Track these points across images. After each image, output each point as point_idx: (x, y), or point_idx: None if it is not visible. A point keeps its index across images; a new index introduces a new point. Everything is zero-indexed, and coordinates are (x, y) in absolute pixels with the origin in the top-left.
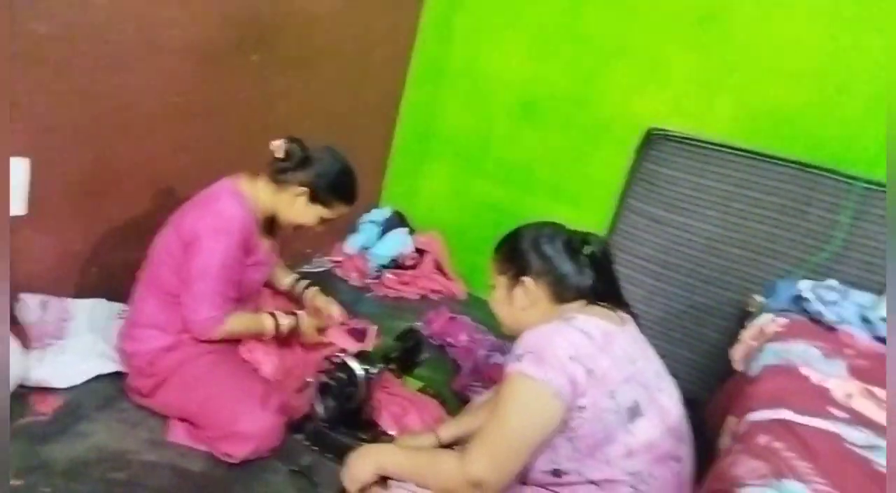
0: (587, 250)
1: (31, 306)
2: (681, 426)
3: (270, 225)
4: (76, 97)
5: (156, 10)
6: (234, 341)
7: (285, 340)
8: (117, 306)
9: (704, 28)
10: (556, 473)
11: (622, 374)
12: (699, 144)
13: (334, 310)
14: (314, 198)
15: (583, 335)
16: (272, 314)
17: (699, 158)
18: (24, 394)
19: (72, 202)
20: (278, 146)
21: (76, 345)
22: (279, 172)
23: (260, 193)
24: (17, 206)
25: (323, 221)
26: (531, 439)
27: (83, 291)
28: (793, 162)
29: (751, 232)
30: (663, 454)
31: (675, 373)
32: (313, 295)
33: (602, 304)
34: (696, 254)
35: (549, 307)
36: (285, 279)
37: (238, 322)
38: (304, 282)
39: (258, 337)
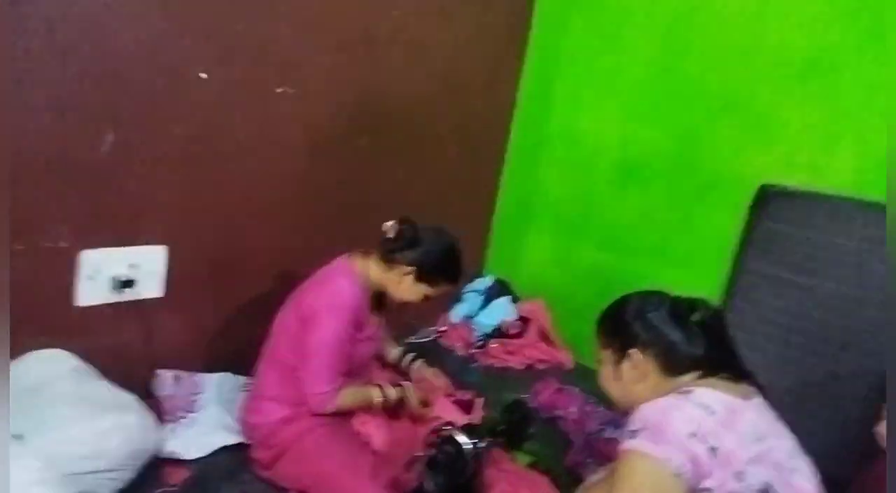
0: (695, 316)
1: (166, 380)
2: None
3: (380, 300)
4: (206, 188)
5: (274, 107)
6: (347, 414)
7: (394, 412)
8: (242, 380)
9: (812, 77)
10: None
11: (750, 453)
12: (819, 198)
13: (439, 381)
14: (420, 277)
15: (703, 410)
16: (379, 386)
17: (821, 212)
18: (158, 465)
19: (201, 283)
20: (390, 227)
21: (205, 418)
22: (389, 252)
23: (370, 271)
24: (155, 289)
25: (427, 298)
26: None
27: (212, 366)
28: None
29: (887, 292)
30: None
31: (810, 450)
32: (419, 367)
33: (722, 375)
34: (827, 317)
35: (660, 381)
36: (392, 352)
37: (349, 396)
38: (411, 355)
39: (366, 408)
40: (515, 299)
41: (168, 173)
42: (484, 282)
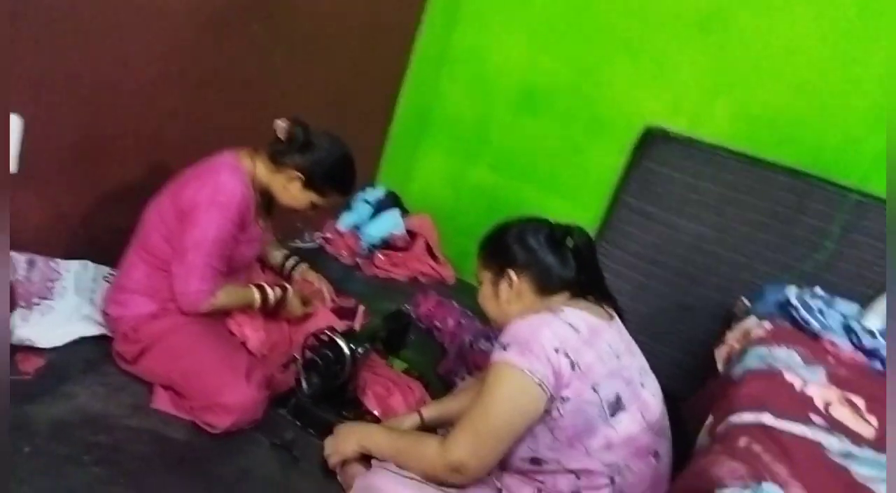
0: (570, 242)
1: (18, 263)
2: (661, 422)
3: (268, 203)
4: (73, 56)
5: None
6: (221, 314)
7: (272, 314)
8: (104, 269)
9: (708, 30)
10: (536, 461)
11: (606, 368)
12: (697, 145)
13: (323, 287)
14: (308, 184)
15: (569, 328)
16: (260, 286)
17: (696, 158)
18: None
19: (63, 163)
20: (281, 127)
21: (62, 306)
22: (278, 153)
23: (257, 171)
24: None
25: (315, 206)
26: (513, 427)
27: (71, 252)
28: (789, 169)
29: (742, 236)
30: (642, 448)
31: (657, 370)
32: (303, 272)
33: (588, 297)
34: (686, 254)
35: (534, 300)
36: (275, 255)
37: (227, 296)
38: (294, 259)
39: (246, 309)
40: (404, 213)
41: (27, 35)
42: (375, 193)
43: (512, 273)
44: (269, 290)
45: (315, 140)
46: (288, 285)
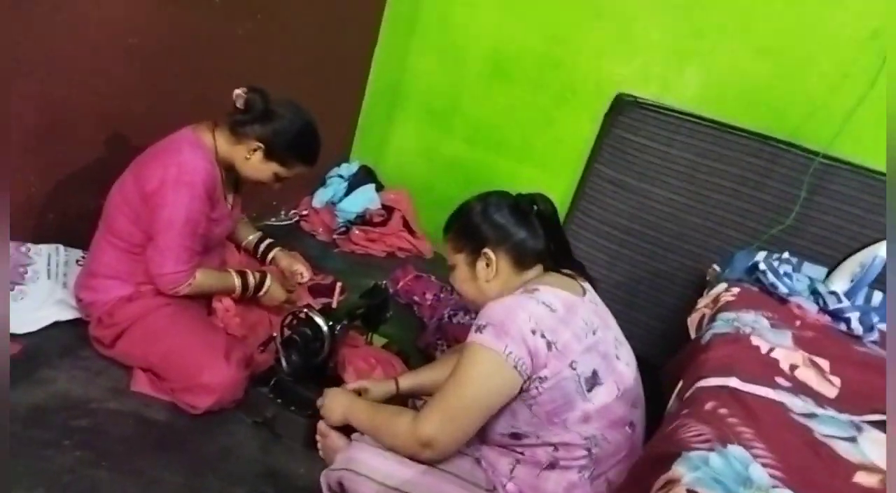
0: (535, 209)
1: None
2: (636, 391)
3: (236, 179)
4: (26, 31)
5: None
6: (199, 296)
7: (253, 300)
8: (76, 253)
9: None
10: (515, 436)
11: (583, 345)
12: (667, 112)
13: (301, 269)
14: (270, 154)
15: (545, 308)
16: (241, 273)
17: (666, 126)
18: None
19: (28, 145)
20: (239, 96)
21: (35, 291)
22: (238, 124)
23: (219, 145)
24: None
25: (279, 178)
26: (485, 406)
27: (42, 236)
28: (756, 134)
29: (712, 202)
30: (617, 419)
31: (632, 337)
32: (276, 255)
33: (564, 271)
34: (659, 222)
35: (510, 276)
36: (249, 236)
37: (205, 277)
38: (269, 241)
39: (225, 294)
40: (380, 187)
41: None
42: (349, 168)
43: (489, 252)
44: (249, 276)
45: (275, 108)
46: (268, 271)
